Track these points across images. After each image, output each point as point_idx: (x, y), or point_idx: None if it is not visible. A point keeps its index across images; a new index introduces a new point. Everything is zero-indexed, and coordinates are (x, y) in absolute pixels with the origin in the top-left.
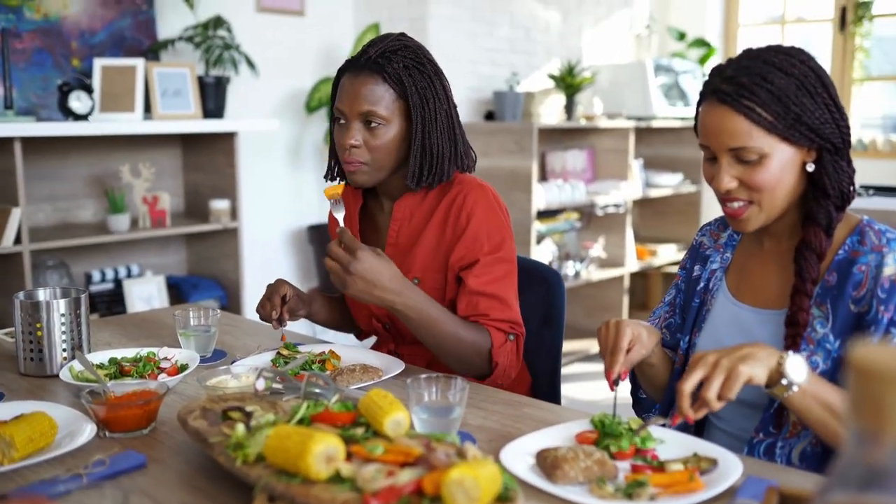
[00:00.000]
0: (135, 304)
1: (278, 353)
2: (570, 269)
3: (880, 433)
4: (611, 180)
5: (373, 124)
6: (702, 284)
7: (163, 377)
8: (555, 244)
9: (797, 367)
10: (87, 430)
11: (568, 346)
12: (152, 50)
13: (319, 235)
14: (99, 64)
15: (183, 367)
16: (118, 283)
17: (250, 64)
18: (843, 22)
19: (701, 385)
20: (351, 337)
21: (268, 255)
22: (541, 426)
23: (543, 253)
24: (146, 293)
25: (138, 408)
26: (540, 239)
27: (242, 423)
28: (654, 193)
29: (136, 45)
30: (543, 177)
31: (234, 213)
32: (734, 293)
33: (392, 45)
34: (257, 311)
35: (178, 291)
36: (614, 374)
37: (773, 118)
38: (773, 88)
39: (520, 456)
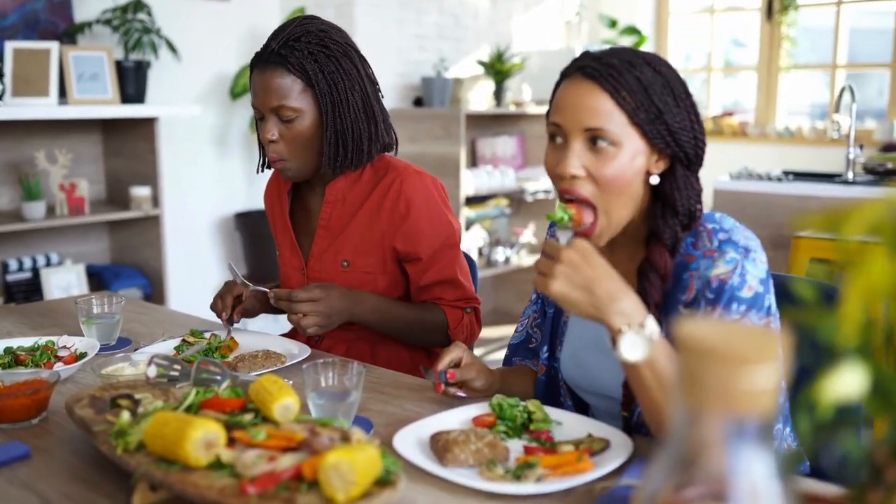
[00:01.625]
0: (53, 294)
1: (183, 339)
2: (500, 254)
3: (703, 411)
4: (540, 167)
5: (286, 117)
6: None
7: (59, 366)
8: (485, 230)
9: (631, 349)
10: None
11: (498, 331)
12: (68, 33)
13: (247, 223)
14: (10, 47)
15: (81, 356)
16: (36, 271)
17: (171, 48)
18: (769, 11)
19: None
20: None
21: (194, 243)
22: (442, 410)
23: (473, 239)
24: (65, 282)
25: (26, 397)
26: (469, 225)
27: (129, 410)
28: None
29: (50, 28)
30: (474, 163)
31: (155, 200)
32: None
33: (294, 32)
34: (210, 308)
35: (100, 280)
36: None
37: (637, 106)
38: (642, 77)
39: (414, 440)
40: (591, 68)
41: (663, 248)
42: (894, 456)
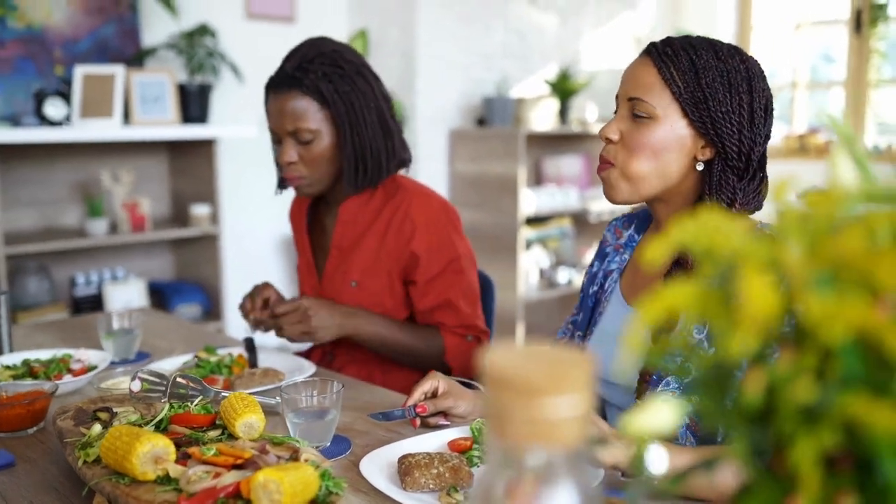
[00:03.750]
0: (115, 308)
1: (195, 356)
2: (562, 276)
3: (516, 447)
4: None
5: (304, 139)
6: (596, 285)
7: (67, 378)
8: (548, 251)
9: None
10: None
11: None
12: (136, 58)
13: None
14: (80, 71)
15: (91, 369)
16: (101, 286)
17: (235, 71)
18: (858, 24)
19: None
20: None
21: (251, 262)
22: (426, 432)
23: (534, 259)
24: (127, 297)
25: (22, 407)
26: (529, 245)
27: (103, 423)
28: None
29: (119, 53)
30: (538, 182)
31: (214, 218)
32: (627, 297)
33: (307, 53)
34: (239, 307)
35: (161, 296)
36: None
37: (681, 85)
38: (697, 60)
39: (384, 463)
40: (654, 45)
41: None
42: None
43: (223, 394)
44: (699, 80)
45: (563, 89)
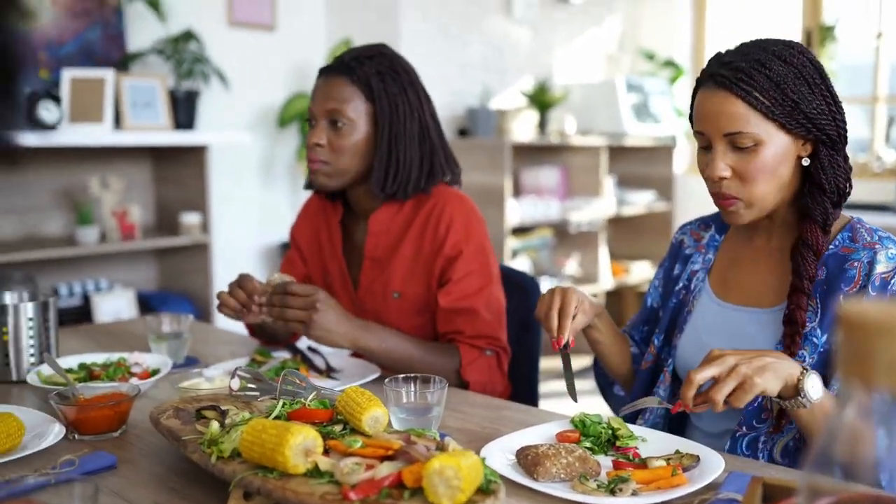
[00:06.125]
0: (103, 320)
1: (252, 359)
2: (544, 285)
3: (869, 384)
4: (584, 197)
5: (339, 124)
6: (681, 284)
7: (134, 381)
8: (529, 260)
9: (815, 386)
10: (55, 432)
11: (544, 363)
12: (122, 62)
13: None
14: (68, 75)
15: (154, 372)
16: (86, 297)
17: (221, 77)
18: (808, 44)
19: (709, 383)
20: None
21: (239, 271)
22: (520, 427)
23: (518, 269)
24: (115, 308)
25: (109, 409)
26: (514, 254)
27: (217, 420)
28: (628, 211)
29: (105, 57)
30: (517, 193)
31: (204, 226)
32: (719, 294)
33: (368, 51)
34: (219, 298)
35: (148, 306)
36: (565, 338)
37: (771, 104)
38: (772, 74)
39: (500, 454)
40: (721, 76)
41: (815, 226)
42: None
43: (323, 390)
44: (783, 91)
45: (542, 101)
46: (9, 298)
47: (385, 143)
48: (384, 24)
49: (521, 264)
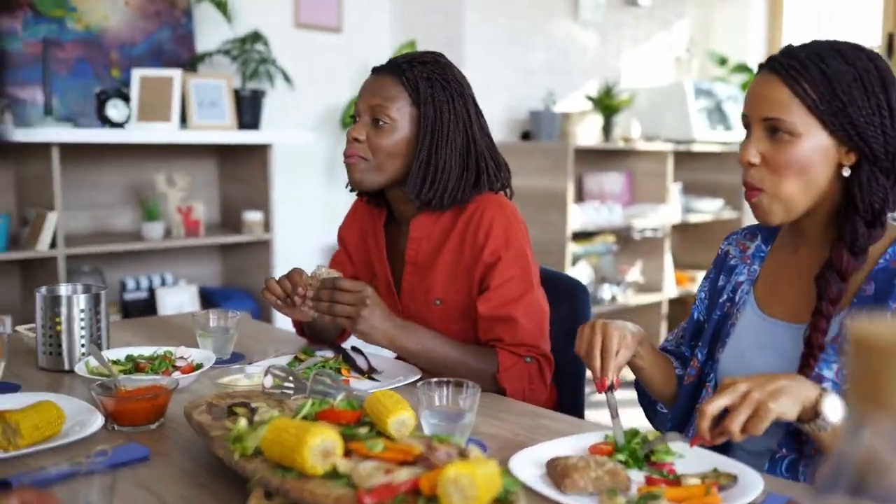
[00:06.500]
0: (167, 313)
1: (295, 357)
2: (606, 292)
3: (880, 410)
4: (649, 204)
5: (380, 122)
6: (725, 296)
7: (177, 375)
8: (591, 266)
9: (835, 408)
10: (95, 422)
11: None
12: (190, 62)
13: None
14: (137, 74)
15: (198, 367)
16: (152, 291)
17: (286, 78)
18: (890, 49)
19: (726, 411)
20: None
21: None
22: (556, 437)
23: (579, 275)
24: (178, 302)
25: (146, 402)
26: (575, 260)
27: (245, 417)
28: (694, 219)
29: (174, 57)
30: (580, 198)
31: (267, 225)
32: (762, 307)
33: (422, 56)
34: (266, 284)
35: (211, 302)
36: (609, 380)
37: (818, 97)
38: (827, 70)
39: (530, 464)
40: (777, 61)
41: (843, 246)
42: None
43: (355, 392)
44: (833, 89)
45: (607, 106)
46: (63, 290)
47: (425, 148)
48: (449, 26)
49: (582, 270)
